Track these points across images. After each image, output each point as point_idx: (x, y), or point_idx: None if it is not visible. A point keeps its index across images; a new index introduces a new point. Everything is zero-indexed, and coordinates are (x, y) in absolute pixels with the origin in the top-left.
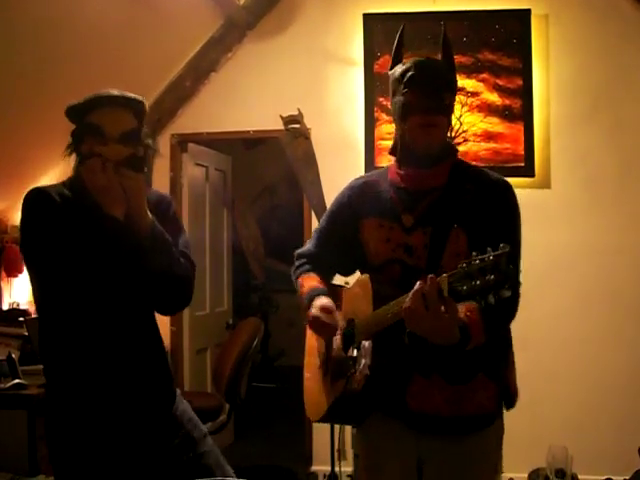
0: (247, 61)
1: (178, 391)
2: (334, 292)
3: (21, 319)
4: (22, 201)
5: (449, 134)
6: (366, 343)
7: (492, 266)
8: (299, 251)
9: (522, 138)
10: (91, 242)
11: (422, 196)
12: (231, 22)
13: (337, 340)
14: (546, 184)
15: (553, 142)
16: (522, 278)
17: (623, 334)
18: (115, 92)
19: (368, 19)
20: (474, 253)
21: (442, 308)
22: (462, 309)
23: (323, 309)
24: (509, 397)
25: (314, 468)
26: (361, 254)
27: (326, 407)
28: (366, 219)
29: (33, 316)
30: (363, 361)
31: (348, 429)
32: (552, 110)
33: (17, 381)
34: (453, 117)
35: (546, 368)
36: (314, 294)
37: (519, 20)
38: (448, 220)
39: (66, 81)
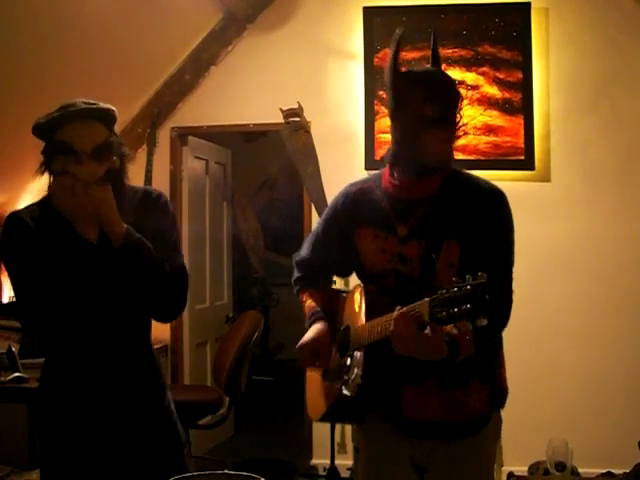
0: (247, 54)
1: (169, 395)
2: (335, 297)
3: None
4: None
5: None
6: (358, 353)
7: (469, 296)
8: (296, 259)
9: (522, 131)
10: (66, 262)
11: (415, 206)
12: (231, 15)
13: (335, 346)
14: (546, 177)
15: (553, 135)
16: (521, 274)
17: (623, 327)
18: (80, 104)
19: (368, 12)
20: (454, 279)
21: (427, 330)
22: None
23: (308, 344)
24: (501, 397)
25: (314, 461)
26: (357, 261)
27: (324, 409)
28: (361, 229)
29: None
30: (355, 370)
31: None
32: (552, 103)
33: (17, 374)
34: None
35: (546, 361)
36: (311, 320)
37: (519, 13)
38: (442, 231)
39: (67, 75)
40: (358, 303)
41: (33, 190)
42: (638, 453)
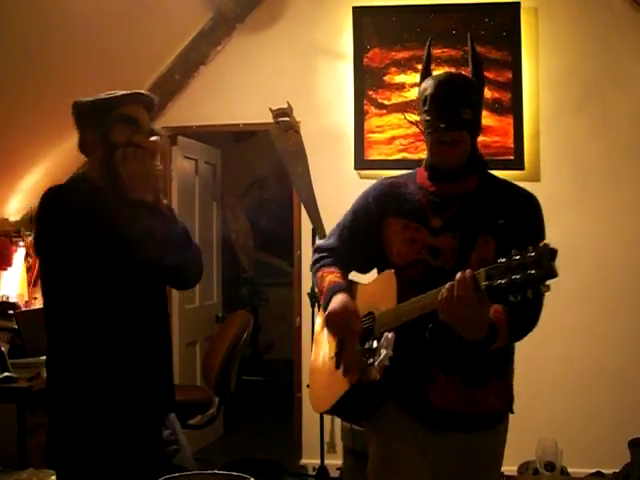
0: (237, 54)
1: None
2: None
3: (10, 312)
4: (39, 202)
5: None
6: (389, 334)
7: (534, 261)
8: (319, 244)
9: (511, 131)
10: (116, 233)
11: (452, 201)
12: (221, 15)
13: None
14: (535, 177)
15: (542, 135)
16: None
17: (612, 327)
18: (139, 91)
19: (357, 12)
20: (513, 250)
21: (476, 300)
22: (491, 310)
23: (341, 309)
24: (510, 403)
25: (303, 461)
26: (383, 253)
27: (338, 397)
28: (391, 219)
29: (23, 309)
30: (384, 352)
31: (337, 422)
32: (541, 103)
33: (6, 374)
34: None
35: (535, 361)
36: (335, 290)
37: (508, 13)
38: (477, 225)
39: (55, 75)
40: (388, 287)
41: (23, 189)
42: (627, 453)
